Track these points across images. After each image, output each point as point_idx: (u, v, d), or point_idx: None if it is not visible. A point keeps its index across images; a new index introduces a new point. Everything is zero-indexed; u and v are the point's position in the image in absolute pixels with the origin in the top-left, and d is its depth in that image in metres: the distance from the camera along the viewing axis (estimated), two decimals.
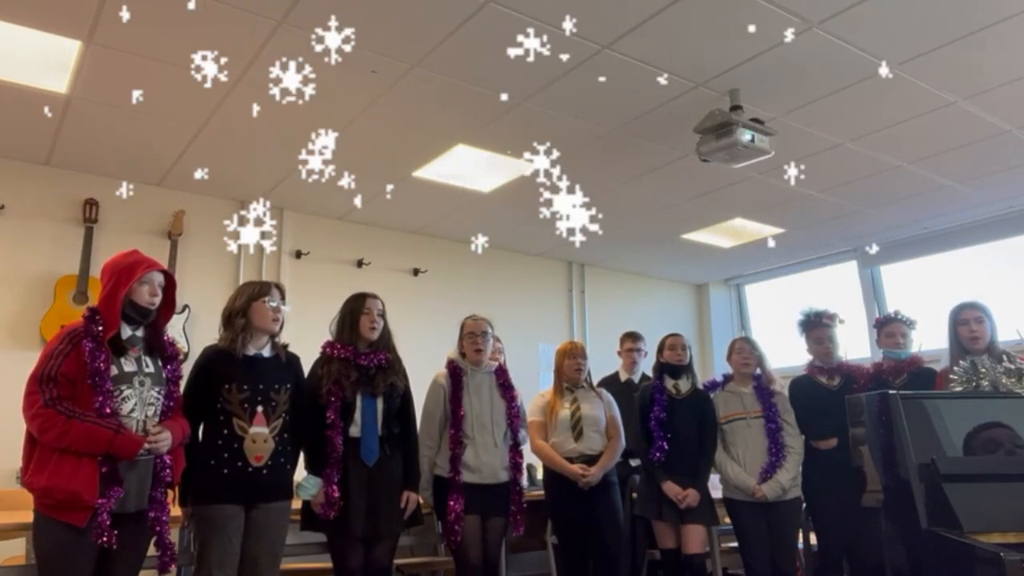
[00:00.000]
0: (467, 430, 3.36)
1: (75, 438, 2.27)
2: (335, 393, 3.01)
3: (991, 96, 3.82)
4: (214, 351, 2.84)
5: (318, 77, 3.57)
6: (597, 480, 3.52)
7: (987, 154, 4.51)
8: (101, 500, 2.28)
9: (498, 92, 3.72)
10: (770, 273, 7.45)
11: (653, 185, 5.02)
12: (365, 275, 5.64)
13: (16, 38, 3.23)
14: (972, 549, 2.40)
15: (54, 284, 4.50)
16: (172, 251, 4.83)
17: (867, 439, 3.04)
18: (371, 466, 3.02)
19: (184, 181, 4.88)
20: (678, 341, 3.79)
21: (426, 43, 3.31)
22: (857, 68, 3.52)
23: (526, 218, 5.74)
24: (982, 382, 3.09)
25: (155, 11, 3.03)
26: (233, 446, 2.71)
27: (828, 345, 3.75)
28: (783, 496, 3.50)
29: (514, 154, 4.50)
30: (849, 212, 5.57)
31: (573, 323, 6.88)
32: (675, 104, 3.86)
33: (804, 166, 4.59)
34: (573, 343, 3.83)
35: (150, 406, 2.47)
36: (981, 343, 3.26)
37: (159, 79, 3.57)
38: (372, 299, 3.19)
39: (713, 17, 3.10)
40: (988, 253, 5.90)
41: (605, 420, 3.69)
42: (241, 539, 2.70)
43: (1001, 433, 2.80)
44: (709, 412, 3.69)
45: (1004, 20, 3.17)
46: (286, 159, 4.58)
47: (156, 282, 2.53)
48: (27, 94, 3.71)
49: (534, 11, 3.09)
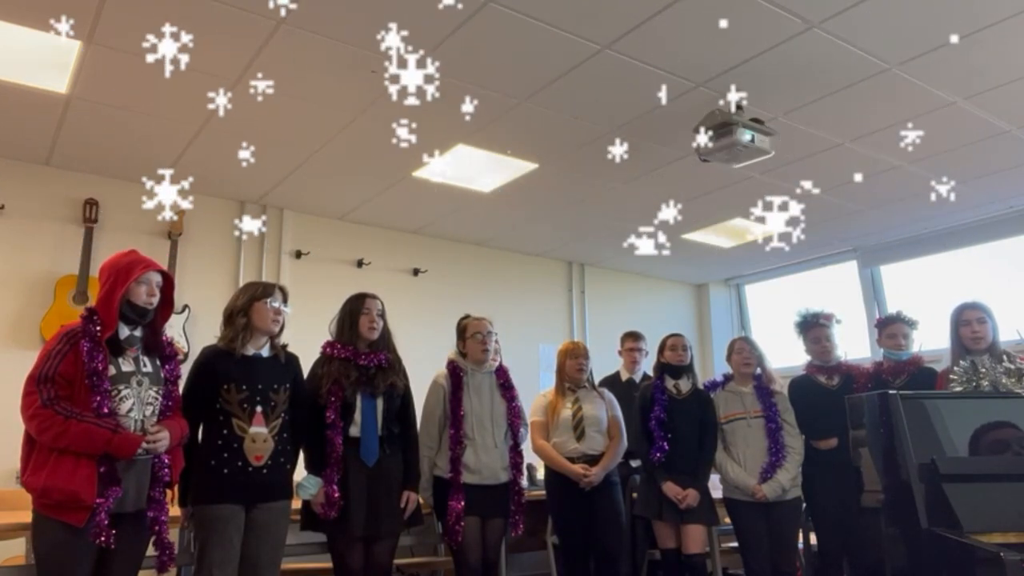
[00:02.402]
0: (467, 430, 3.35)
1: (73, 438, 2.27)
2: (335, 393, 3.01)
3: (991, 96, 3.82)
4: (213, 351, 2.84)
5: (318, 77, 3.59)
6: (599, 480, 3.52)
7: (987, 154, 4.51)
8: (99, 500, 2.28)
9: (498, 92, 3.73)
10: (770, 273, 7.44)
11: (653, 185, 5.01)
12: (365, 275, 5.63)
13: (16, 38, 3.22)
14: (972, 549, 2.40)
15: (54, 284, 4.50)
16: (172, 251, 4.83)
17: (866, 439, 3.04)
18: (371, 466, 3.02)
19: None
20: (679, 341, 3.79)
21: (426, 43, 3.31)
22: (857, 68, 3.51)
23: (526, 218, 5.75)
24: (982, 382, 3.09)
25: (155, 11, 3.03)
26: (233, 446, 2.71)
27: (826, 345, 3.75)
28: (783, 496, 3.50)
29: (514, 154, 4.50)
30: (849, 212, 5.57)
31: (573, 323, 6.88)
32: (675, 104, 3.86)
33: (803, 166, 4.63)
34: (575, 343, 3.83)
35: (148, 406, 2.47)
36: (983, 343, 3.26)
37: (159, 79, 3.56)
38: (372, 299, 3.19)
39: (713, 17, 3.10)
40: (988, 253, 5.90)
41: (607, 420, 3.69)
42: (241, 539, 2.70)
43: (1008, 433, 2.79)
44: (709, 412, 3.69)
45: (1004, 20, 3.17)
46: (286, 159, 4.59)
47: (154, 282, 2.53)
48: (27, 94, 3.71)
49: (534, 11, 3.08)
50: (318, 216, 5.59)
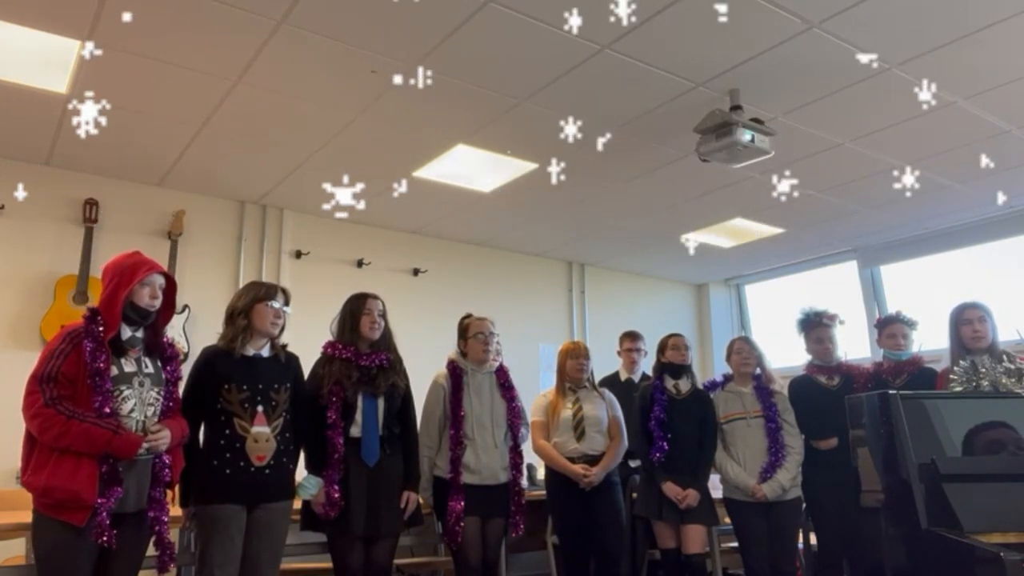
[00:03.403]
0: (467, 431, 3.36)
1: (74, 438, 2.27)
2: (336, 393, 3.01)
3: (991, 96, 3.82)
4: (213, 351, 2.84)
5: (318, 77, 3.59)
6: (599, 480, 3.52)
7: (987, 154, 4.51)
8: (101, 500, 2.28)
9: (498, 92, 3.73)
10: (770, 273, 7.44)
11: (653, 185, 5.01)
12: (365, 275, 5.63)
13: (16, 38, 3.22)
14: (972, 549, 2.40)
15: (54, 284, 4.50)
16: (172, 251, 4.83)
17: (865, 439, 3.04)
18: (371, 466, 3.02)
19: (184, 181, 4.89)
20: (680, 341, 3.79)
21: (426, 43, 3.31)
22: (857, 68, 3.51)
23: (526, 218, 5.75)
24: (982, 382, 3.09)
25: (155, 11, 3.03)
26: (235, 446, 2.71)
27: (828, 345, 3.75)
28: (783, 496, 3.50)
29: (514, 154, 4.50)
30: (849, 212, 5.57)
31: (573, 323, 6.87)
32: (675, 104, 3.86)
33: (803, 166, 4.63)
34: (576, 343, 3.83)
35: (150, 406, 2.47)
36: (984, 342, 3.25)
37: (159, 79, 3.57)
38: (372, 299, 3.19)
39: (713, 17, 3.10)
40: (988, 253, 5.90)
41: (607, 420, 3.69)
42: (243, 539, 2.70)
43: (1004, 433, 2.79)
44: (709, 412, 3.69)
45: (1004, 20, 3.17)
46: (286, 159, 4.59)
47: (157, 284, 2.54)
48: (27, 94, 3.71)
49: (534, 11, 3.08)
50: (318, 216, 5.59)
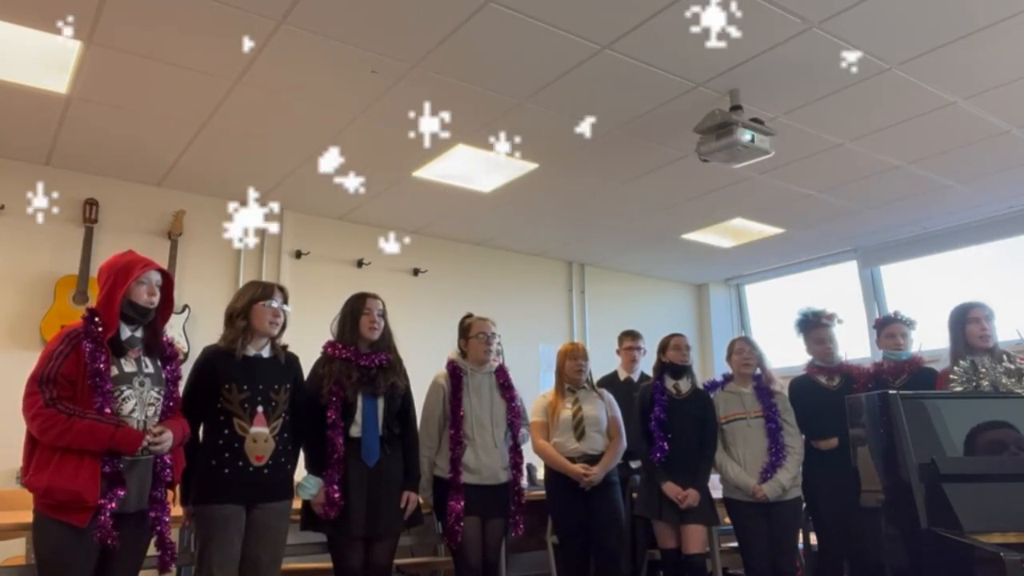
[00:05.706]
0: (467, 431, 3.36)
1: (77, 435, 2.27)
2: (336, 393, 3.01)
3: (991, 96, 3.82)
4: (213, 351, 2.85)
5: (318, 77, 3.59)
6: (599, 480, 3.52)
7: (987, 154, 4.51)
8: (103, 500, 2.28)
9: (498, 92, 3.73)
10: (770, 273, 7.44)
11: (653, 185, 5.01)
12: (365, 275, 5.63)
13: (16, 38, 3.22)
14: (972, 549, 2.40)
15: (54, 284, 4.50)
16: (172, 251, 4.83)
17: (865, 439, 3.04)
18: (371, 466, 3.02)
19: (184, 181, 4.88)
20: (682, 341, 3.80)
21: (426, 43, 3.31)
22: (857, 68, 3.51)
23: (526, 218, 5.75)
24: (982, 382, 3.09)
25: (155, 11, 3.03)
26: (234, 446, 2.71)
27: (828, 345, 3.75)
28: (783, 496, 3.50)
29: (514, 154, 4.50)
30: (849, 212, 5.57)
31: (573, 323, 6.87)
32: (675, 104, 3.86)
33: (804, 166, 4.63)
34: (574, 344, 3.83)
35: (150, 406, 2.47)
36: (991, 341, 3.26)
37: (159, 79, 3.57)
38: (372, 299, 3.19)
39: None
40: (988, 253, 5.90)
41: (607, 420, 3.69)
42: (242, 539, 2.70)
43: (1005, 433, 2.79)
44: (709, 412, 3.69)
45: (1004, 20, 3.17)
46: (286, 159, 4.59)
47: (154, 281, 2.53)
48: (27, 94, 3.71)
49: (534, 11, 3.08)
50: (318, 216, 5.59)
